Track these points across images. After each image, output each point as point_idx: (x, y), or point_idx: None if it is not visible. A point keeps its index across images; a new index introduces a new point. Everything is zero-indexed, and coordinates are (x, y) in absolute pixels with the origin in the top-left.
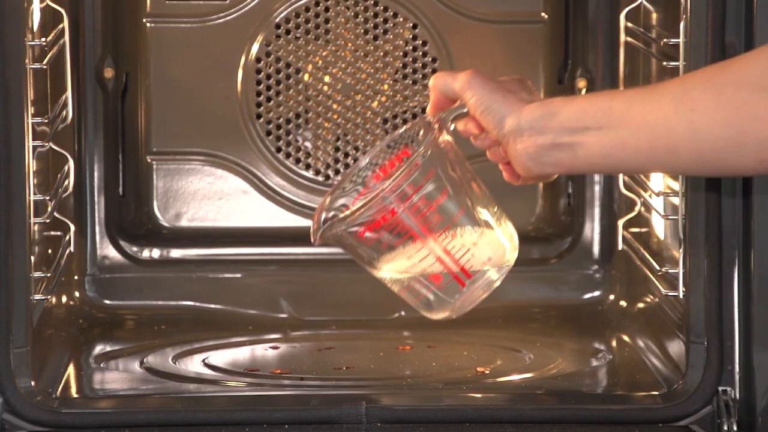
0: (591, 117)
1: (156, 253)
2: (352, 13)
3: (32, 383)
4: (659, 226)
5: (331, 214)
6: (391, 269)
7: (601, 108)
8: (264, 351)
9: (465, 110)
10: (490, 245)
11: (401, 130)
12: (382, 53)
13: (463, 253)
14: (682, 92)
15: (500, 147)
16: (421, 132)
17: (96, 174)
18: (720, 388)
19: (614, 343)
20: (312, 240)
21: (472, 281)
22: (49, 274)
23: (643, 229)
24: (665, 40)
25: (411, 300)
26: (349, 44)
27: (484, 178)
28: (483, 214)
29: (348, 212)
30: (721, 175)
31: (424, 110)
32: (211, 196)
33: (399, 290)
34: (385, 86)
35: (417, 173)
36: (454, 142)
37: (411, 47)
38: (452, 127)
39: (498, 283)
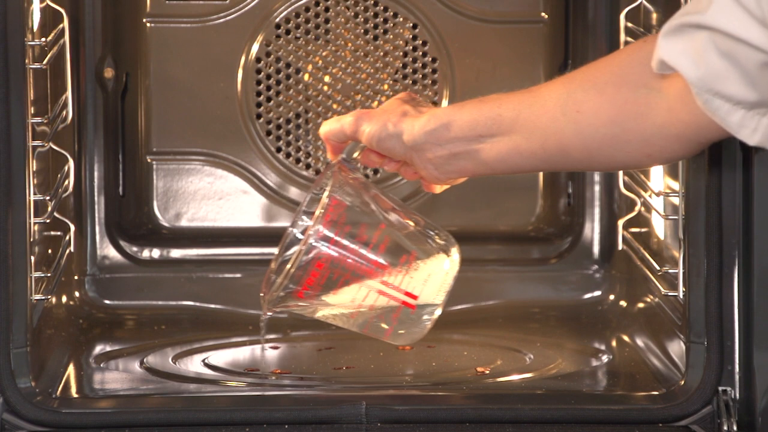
0: (482, 126)
1: (156, 253)
2: (352, 13)
3: (32, 383)
4: (659, 226)
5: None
6: (343, 317)
7: (490, 117)
8: (264, 351)
9: (362, 145)
10: (426, 262)
11: (318, 179)
12: (382, 53)
13: (401, 279)
14: (566, 94)
15: (407, 166)
16: (329, 178)
17: (96, 174)
18: (720, 388)
19: (614, 343)
20: (263, 312)
21: (421, 301)
22: (49, 274)
23: (643, 229)
24: None
25: (380, 336)
26: (349, 44)
27: (479, 183)
28: (410, 237)
29: (278, 279)
30: (614, 169)
31: None
32: (211, 196)
33: (364, 331)
34: (385, 86)
35: (331, 217)
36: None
37: (411, 47)
38: (358, 164)
39: (448, 283)
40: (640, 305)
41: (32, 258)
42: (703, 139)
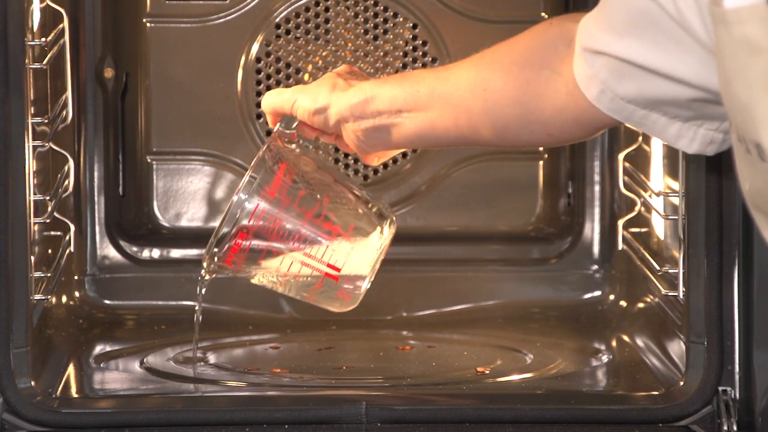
0: (402, 101)
1: (156, 253)
2: (352, 13)
3: (32, 383)
4: (659, 226)
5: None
6: (274, 284)
7: (409, 92)
8: (264, 351)
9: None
10: (352, 236)
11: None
12: (382, 53)
13: (324, 251)
14: (476, 72)
15: (341, 138)
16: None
17: (96, 174)
18: (720, 388)
19: (614, 343)
20: (202, 274)
21: (345, 272)
22: (49, 274)
23: (643, 229)
24: None
25: (314, 300)
26: (349, 44)
27: (479, 183)
28: (338, 209)
29: (211, 241)
30: (523, 146)
31: None
32: (211, 196)
33: (297, 296)
34: None
35: (256, 185)
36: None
37: (411, 47)
38: (295, 137)
39: (374, 257)
40: (640, 305)
41: (32, 258)
42: (600, 124)
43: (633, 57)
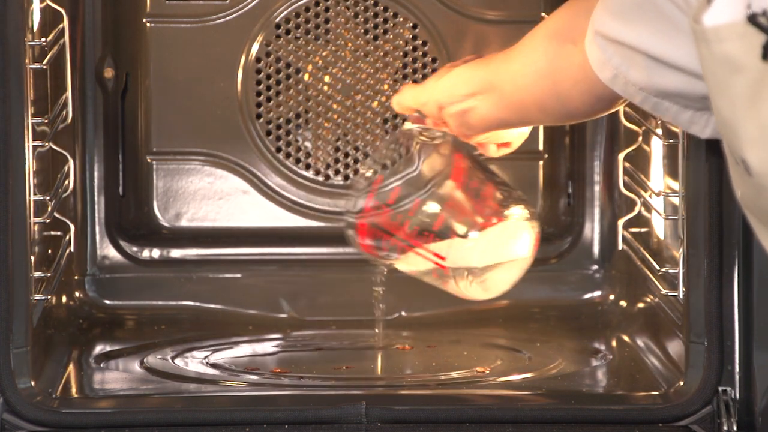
0: (474, 84)
1: (156, 253)
2: (352, 13)
3: (32, 383)
4: (659, 226)
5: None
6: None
7: (480, 74)
8: (264, 351)
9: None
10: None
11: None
12: (382, 53)
13: (428, 239)
14: (521, 49)
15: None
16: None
17: (96, 174)
18: (720, 388)
19: (614, 343)
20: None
21: (450, 263)
22: (49, 274)
23: (643, 229)
24: None
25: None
26: (349, 44)
27: None
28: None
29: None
30: (571, 120)
31: None
32: (211, 196)
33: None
34: (385, 86)
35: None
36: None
37: (411, 47)
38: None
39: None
40: (640, 305)
41: (32, 258)
42: (612, 96)
43: (642, 45)
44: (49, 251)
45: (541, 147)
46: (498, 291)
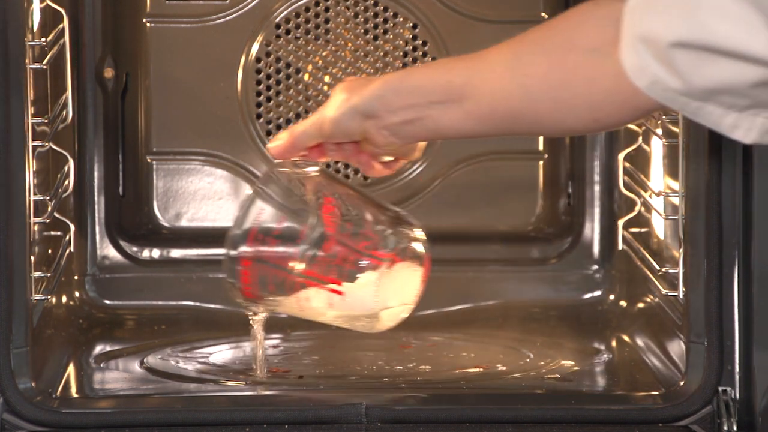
0: (433, 93)
1: (156, 253)
2: (352, 13)
3: (32, 383)
4: (659, 226)
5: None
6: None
7: (440, 83)
8: (264, 351)
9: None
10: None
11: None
12: (382, 53)
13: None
14: (514, 58)
15: (360, 150)
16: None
17: (96, 174)
18: (720, 388)
19: (614, 343)
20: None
21: (349, 286)
22: (49, 274)
23: (643, 229)
24: None
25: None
26: (349, 44)
27: (479, 183)
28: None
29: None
30: (563, 134)
31: None
32: (211, 196)
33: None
34: None
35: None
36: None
37: (411, 47)
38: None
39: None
40: (640, 305)
41: (32, 258)
42: (652, 107)
43: (691, 37)
44: (49, 251)
45: (541, 147)
46: (397, 313)
